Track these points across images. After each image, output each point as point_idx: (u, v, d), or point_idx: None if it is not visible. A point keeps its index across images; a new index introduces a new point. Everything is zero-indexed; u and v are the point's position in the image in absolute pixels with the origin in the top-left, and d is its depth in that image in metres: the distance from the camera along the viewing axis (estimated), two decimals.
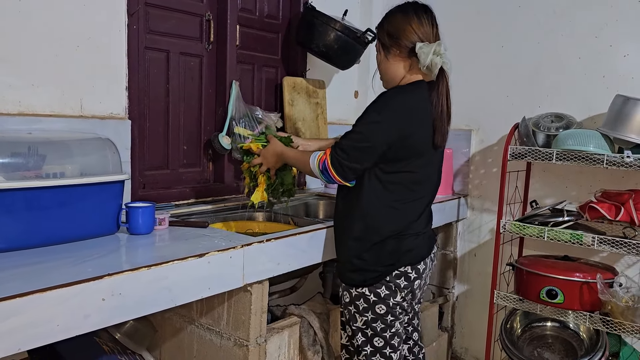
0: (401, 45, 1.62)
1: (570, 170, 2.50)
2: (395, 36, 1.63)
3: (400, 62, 1.65)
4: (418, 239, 1.70)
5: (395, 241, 1.65)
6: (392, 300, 1.66)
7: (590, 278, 2.13)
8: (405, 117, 1.57)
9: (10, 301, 1.05)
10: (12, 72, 1.64)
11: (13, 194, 1.36)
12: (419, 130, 1.60)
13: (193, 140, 2.30)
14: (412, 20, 1.62)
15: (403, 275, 1.65)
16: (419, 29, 1.61)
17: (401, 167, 1.61)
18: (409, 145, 1.58)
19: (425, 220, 1.74)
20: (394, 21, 1.65)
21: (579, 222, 2.25)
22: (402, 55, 1.64)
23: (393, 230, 1.64)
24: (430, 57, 1.57)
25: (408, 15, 1.63)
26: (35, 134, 1.58)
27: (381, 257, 1.64)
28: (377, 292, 1.65)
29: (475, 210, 2.82)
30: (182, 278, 1.38)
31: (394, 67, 1.66)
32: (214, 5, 2.30)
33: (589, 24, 2.43)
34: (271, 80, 2.62)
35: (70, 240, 1.49)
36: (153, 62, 2.10)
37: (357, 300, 1.67)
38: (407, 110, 1.58)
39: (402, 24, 1.63)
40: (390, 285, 1.64)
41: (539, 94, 2.58)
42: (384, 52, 1.68)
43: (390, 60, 1.66)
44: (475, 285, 2.85)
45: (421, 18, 1.63)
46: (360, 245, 1.66)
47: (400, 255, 1.65)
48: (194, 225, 1.77)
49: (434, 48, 1.58)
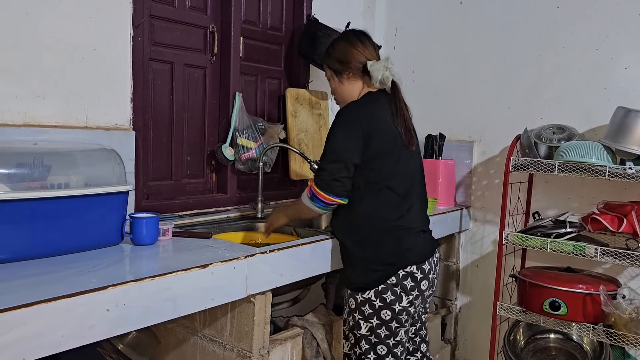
0: (352, 67, 1.78)
1: (573, 182, 2.50)
2: (345, 61, 1.79)
3: (354, 82, 1.80)
4: (418, 238, 1.75)
5: (393, 239, 1.70)
6: (398, 305, 1.68)
7: (594, 290, 2.12)
8: (362, 120, 1.68)
9: (15, 311, 1.05)
10: (18, 83, 1.66)
11: (18, 205, 1.36)
12: (380, 129, 1.70)
13: (196, 151, 2.31)
14: (356, 45, 1.79)
15: (409, 275, 1.69)
16: (364, 50, 1.78)
17: (372, 167, 1.70)
18: (373, 145, 1.68)
19: (417, 218, 1.78)
20: (340, 48, 1.82)
21: (582, 233, 2.25)
22: (355, 75, 1.79)
23: (386, 226, 1.71)
24: (381, 72, 1.73)
25: (351, 41, 1.81)
26: (40, 145, 1.59)
27: (381, 256, 1.70)
28: (383, 297, 1.68)
29: (478, 222, 2.82)
30: (185, 289, 1.38)
31: (350, 88, 1.81)
32: (217, 18, 2.32)
33: (590, 36, 2.45)
34: (274, 92, 2.64)
35: (75, 250, 1.49)
36: (157, 74, 2.12)
37: (362, 306, 1.70)
38: (363, 114, 1.70)
39: (348, 49, 1.79)
40: (396, 289, 1.68)
41: (541, 106, 2.59)
42: (337, 78, 1.83)
43: (345, 84, 1.82)
44: (478, 297, 2.85)
45: (363, 41, 1.81)
46: (360, 247, 1.73)
47: (401, 254, 1.70)
48: (198, 236, 1.78)
49: (383, 64, 1.74)
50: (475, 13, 2.78)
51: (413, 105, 3.01)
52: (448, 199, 2.76)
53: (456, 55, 2.85)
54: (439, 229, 2.56)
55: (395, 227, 1.72)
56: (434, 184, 2.71)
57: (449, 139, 2.81)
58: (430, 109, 2.94)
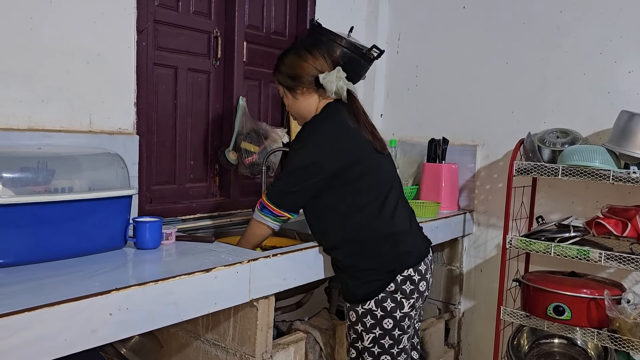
0: (304, 82, 1.73)
1: (576, 186, 2.50)
2: (296, 76, 1.74)
3: (309, 96, 1.75)
4: (415, 239, 1.73)
5: (391, 244, 1.67)
6: (399, 312, 1.66)
7: (598, 294, 2.11)
8: (328, 133, 1.66)
9: (18, 316, 1.05)
10: (22, 87, 1.67)
11: (22, 209, 1.37)
12: (349, 139, 1.67)
13: (200, 156, 2.32)
14: (306, 57, 1.74)
15: (408, 279, 1.66)
16: (314, 62, 1.73)
17: (351, 178, 1.66)
18: (345, 156, 1.65)
19: (406, 219, 1.75)
20: (290, 63, 1.76)
21: (586, 237, 2.24)
22: (309, 90, 1.74)
23: (380, 233, 1.67)
24: (335, 83, 1.68)
25: (300, 54, 1.75)
26: (44, 149, 1.60)
27: (381, 263, 1.66)
28: (384, 306, 1.65)
29: (481, 226, 2.82)
30: (188, 293, 1.38)
31: (306, 103, 1.76)
32: (221, 23, 2.33)
33: (594, 40, 2.44)
34: (277, 96, 2.64)
35: (78, 254, 1.49)
36: (161, 78, 2.13)
37: (364, 318, 1.67)
38: (329, 126, 1.67)
39: (298, 63, 1.74)
40: (396, 296, 1.65)
41: (544, 110, 2.59)
42: (291, 95, 1.77)
43: (300, 99, 1.76)
44: (481, 301, 2.84)
45: (313, 52, 1.75)
46: (356, 259, 1.68)
47: (402, 259, 1.67)
48: (201, 240, 1.78)
49: (336, 74, 1.69)
50: (478, 17, 2.78)
51: (416, 109, 3.02)
52: (451, 203, 2.75)
53: (459, 59, 2.85)
54: (442, 233, 2.55)
55: (390, 232, 1.68)
56: (437, 188, 2.71)
57: (452, 143, 2.81)
58: (433, 113, 2.94)
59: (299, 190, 1.67)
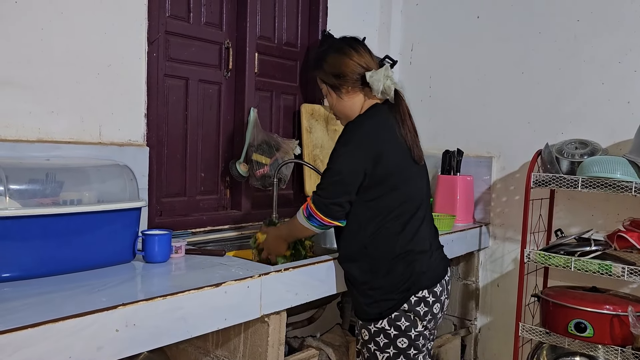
0: (349, 80, 1.64)
1: (597, 198, 2.43)
2: (341, 74, 1.65)
3: (354, 96, 1.67)
4: (430, 259, 1.65)
5: (405, 263, 1.60)
6: (414, 331, 1.60)
7: (621, 311, 2.04)
8: (372, 140, 1.58)
9: (22, 332, 1.02)
10: (32, 99, 1.65)
11: (29, 221, 1.34)
12: (391, 148, 1.60)
13: (211, 168, 2.29)
14: (351, 54, 1.65)
15: (422, 301, 1.60)
16: (360, 59, 1.64)
17: (383, 188, 1.60)
18: (384, 165, 1.58)
19: (429, 237, 1.69)
20: (333, 61, 1.67)
21: (607, 251, 2.17)
22: (354, 89, 1.66)
23: (397, 251, 1.60)
24: (382, 82, 1.60)
25: (345, 51, 1.66)
26: (53, 161, 1.58)
27: (394, 283, 1.59)
28: (397, 324, 1.59)
29: (498, 239, 2.75)
30: (198, 308, 1.34)
31: (351, 102, 1.68)
32: (233, 34, 2.31)
33: (612, 49, 2.39)
34: (289, 107, 2.62)
35: (86, 268, 1.46)
36: (172, 90, 2.11)
37: (377, 337, 1.61)
38: (373, 132, 1.60)
39: (343, 61, 1.65)
40: (409, 315, 1.59)
41: (562, 120, 2.53)
42: (335, 94, 1.69)
43: (344, 99, 1.68)
44: (498, 317, 2.76)
45: (357, 49, 1.66)
46: (370, 275, 1.62)
47: (414, 279, 1.60)
48: (211, 254, 1.74)
49: (383, 72, 1.61)
50: (493, 27, 2.74)
51: (430, 120, 2.98)
52: (466, 215, 2.69)
53: (473, 69, 2.81)
54: (458, 247, 2.49)
55: (407, 251, 1.61)
56: (452, 201, 2.65)
57: (467, 154, 2.76)
58: (447, 124, 2.89)
59: (346, 200, 1.60)
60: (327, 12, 2.67)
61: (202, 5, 2.19)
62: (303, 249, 1.96)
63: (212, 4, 2.23)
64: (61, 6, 1.69)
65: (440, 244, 1.77)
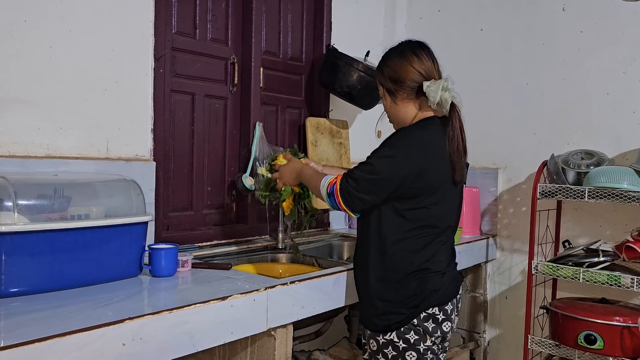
0: (406, 87, 1.60)
1: (604, 209, 2.42)
2: (398, 80, 1.60)
3: (409, 103, 1.62)
4: (443, 278, 1.62)
5: (418, 280, 1.57)
6: (423, 345, 1.58)
7: (632, 322, 2.02)
8: (419, 154, 1.54)
9: (30, 346, 1.03)
10: (41, 115, 1.68)
11: (37, 236, 1.36)
12: (435, 166, 1.55)
13: (217, 182, 2.30)
14: (412, 60, 1.59)
15: (431, 317, 1.58)
16: (420, 67, 1.59)
17: (416, 203, 1.56)
18: (423, 181, 1.54)
19: (446, 258, 1.66)
20: (393, 65, 1.62)
21: (616, 262, 2.16)
22: (410, 96, 1.61)
23: (412, 268, 1.57)
24: (439, 94, 1.54)
25: (406, 56, 1.61)
26: (61, 176, 1.59)
27: (404, 298, 1.57)
28: (406, 337, 1.57)
29: (505, 251, 2.74)
30: (204, 322, 1.34)
31: (404, 110, 1.63)
32: (238, 49, 2.34)
33: (616, 60, 2.40)
34: (295, 121, 2.64)
35: (93, 283, 1.47)
36: (178, 105, 2.13)
37: (385, 349, 1.59)
38: (422, 146, 1.55)
39: (402, 66, 1.60)
40: (419, 329, 1.57)
41: (567, 131, 2.53)
42: (390, 98, 1.65)
43: (399, 105, 1.63)
44: (507, 330, 2.74)
45: (420, 55, 1.60)
46: (382, 286, 1.59)
47: (425, 296, 1.57)
48: (217, 267, 1.74)
49: (442, 84, 1.55)
50: (496, 39, 2.75)
51: None
52: (473, 227, 2.68)
53: (478, 81, 2.82)
54: (465, 259, 2.48)
55: (422, 269, 1.58)
56: None
57: (473, 166, 2.75)
58: None
59: (370, 199, 1.55)
60: (332, 26, 2.70)
61: (207, 21, 2.22)
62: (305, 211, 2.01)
63: (217, 20, 2.26)
64: (69, 25, 1.72)
65: (454, 263, 1.72)
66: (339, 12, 2.73)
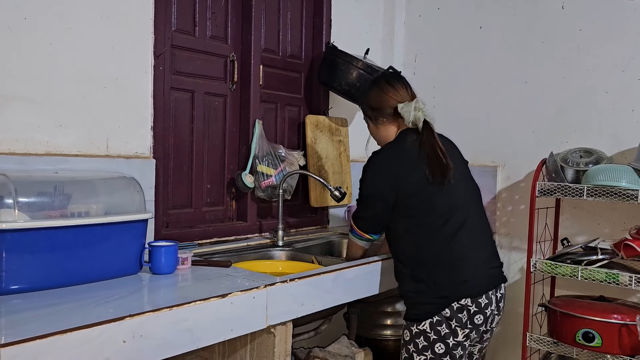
0: (385, 113, 1.84)
1: (602, 207, 2.42)
2: (377, 108, 1.85)
3: (389, 125, 1.86)
4: (477, 270, 1.70)
5: (446, 270, 1.67)
6: (453, 339, 1.64)
7: (630, 320, 2.03)
8: (392, 166, 1.74)
9: (30, 343, 1.03)
10: (41, 113, 1.68)
11: (37, 234, 1.36)
12: (407, 174, 1.72)
13: (216, 179, 2.30)
14: (387, 90, 1.84)
15: (464, 308, 1.65)
16: (395, 95, 1.83)
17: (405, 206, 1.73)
18: (402, 189, 1.72)
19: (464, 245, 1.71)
20: (372, 95, 1.88)
21: (614, 260, 2.16)
22: (389, 120, 1.84)
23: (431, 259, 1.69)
24: (412, 114, 1.77)
25: (382, 87, 1.86)
26: (61, 174, 1.59)
27: (433, 288, 1.67)
28: (438, 329, 1.65)
29: (504, 249, 2.74)
30: (204, 319, 1.35)
31: (385, 132, 1.87)
32: (238, 47, 2.34)
33: (615, 58, 2.40)
34: (294, 119, 2.64)
35: (93, 280, 1.47)
36: (178, 102, 2.13)
37: (417, 338, 1.67)
38: (394, 159, 1.76)
39: (379, 96, 1.85)
40: (451, 323, 1.64)
41: (566, 129, 2.53)
42: (372, 123, 1.90)
43: (380, 128, 1.88)
44: (506, 327, 2.74)
45: (394, 85, 1.85)
46: (410, 279, 1.72)
47: (455, 286, 1.66)
48: (217, 265, 1.75)
49: (413, 105, 1.78)
50: (495, 37, 2.75)
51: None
52: None
53: (477, 79, 2.82)
54: None
55: (446, 258, 1.68)
56: None
57: (472, 164, 2.72)
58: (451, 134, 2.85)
59: (370, 216, 1.82)
60: (331, 24, 2.70)
61: (207, 19, 2.22)
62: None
63: (217, 18, 2.26)
64: (69, 22, 1.72)
65: (491, 255, 1.80)
66: (338, 9, 2.73)
